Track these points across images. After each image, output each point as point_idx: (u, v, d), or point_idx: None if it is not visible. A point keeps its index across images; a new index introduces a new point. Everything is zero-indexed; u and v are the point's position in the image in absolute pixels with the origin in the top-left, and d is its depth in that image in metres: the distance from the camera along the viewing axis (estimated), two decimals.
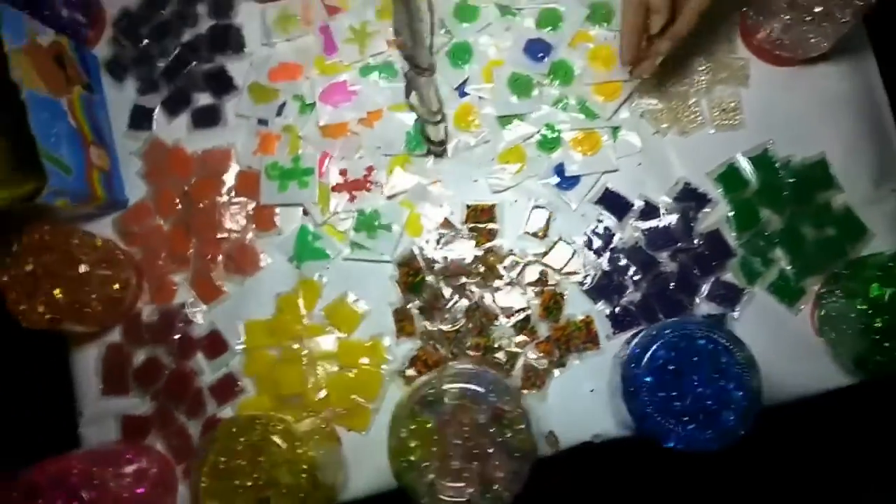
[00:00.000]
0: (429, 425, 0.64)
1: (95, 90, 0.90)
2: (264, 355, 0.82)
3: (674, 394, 0.63)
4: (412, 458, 0.63)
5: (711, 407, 0.62)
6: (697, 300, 0.79)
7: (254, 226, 0.85)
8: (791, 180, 0.79)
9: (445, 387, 0.64)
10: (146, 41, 0.92)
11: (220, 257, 0.85)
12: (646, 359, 0.63)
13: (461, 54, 0.86)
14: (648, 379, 0.63)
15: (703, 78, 0.82)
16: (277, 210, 0.85)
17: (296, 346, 0.81)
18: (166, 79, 0.91)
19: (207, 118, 0.89)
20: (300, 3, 0.89)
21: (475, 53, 0.85)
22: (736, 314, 0.78)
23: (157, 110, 0.91)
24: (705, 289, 0.79)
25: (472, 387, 0.64)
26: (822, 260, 0.77)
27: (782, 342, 0.77)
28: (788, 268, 0.78)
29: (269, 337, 0.82)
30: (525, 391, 0.79)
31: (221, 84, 0.90)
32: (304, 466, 0.67)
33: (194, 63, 0.91)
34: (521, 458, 0.63)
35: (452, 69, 0.86)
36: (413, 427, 0.64)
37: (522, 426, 0.64)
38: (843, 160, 0.80)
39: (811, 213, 0.79)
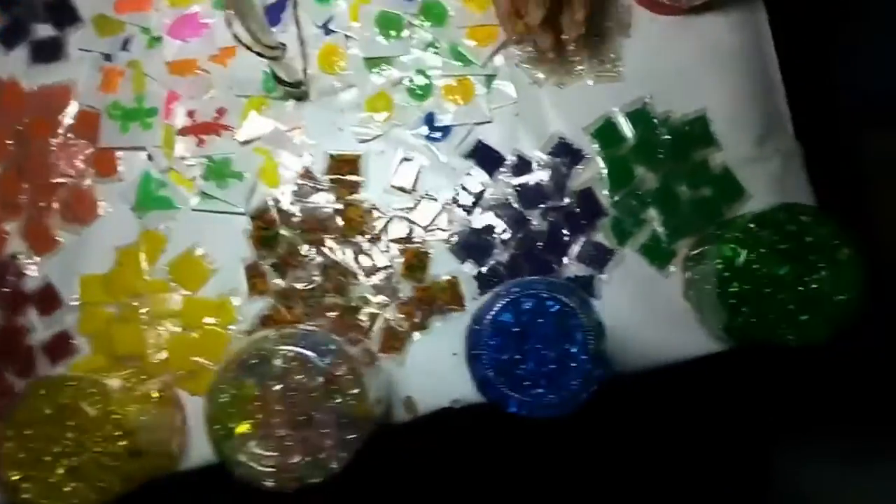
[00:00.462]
0: (251, 391, 0.58)
1: None
2: (101, 312, 0.75)
3: (517, 357, 0.58)
4: (231, 425, 0.57)
5: (555, 371, 0.58)
6: (566, 261, 0.74)
7: (93, 170, 0.77)
8: (668, 137, 0.75)
9: (272, 349, 0.58)
10: None
11: (55, 204, 0.77)
12: (489, 319, 0.59)
13: None
14: (492, 341, 0.59)
15: (584, 24, 0.77)
16: (119, 154, 0.77)
17: (135, 303, 0.75)
18: (2, 7, 0.82)
19: (47, 52, 0.80)
20: None
21: None
22: (605, 276, 0.74)
23: None
24: (575, 249, 0.74)
25: (301, 350, 0.58)
26: (696, 221, 0.74)
27: (652, 306, 0.73)
28: (661, 229, 0.74)
29: (107, 293, 0.75)
30: (383, 354, 0.74)
31: (64, 14, 0.81)
32: (119, 433, 0.61)
33: None
34: (353, 425, 0.58)
35: (318, 5, 0.79)
36: (234, 392, 0.58)
37: (356, 391, 0.58)
38: (725, 117, 0.76)
39: (687, 172, 0.75)
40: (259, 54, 0.63)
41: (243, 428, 0.57)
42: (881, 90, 1.06)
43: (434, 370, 0.73)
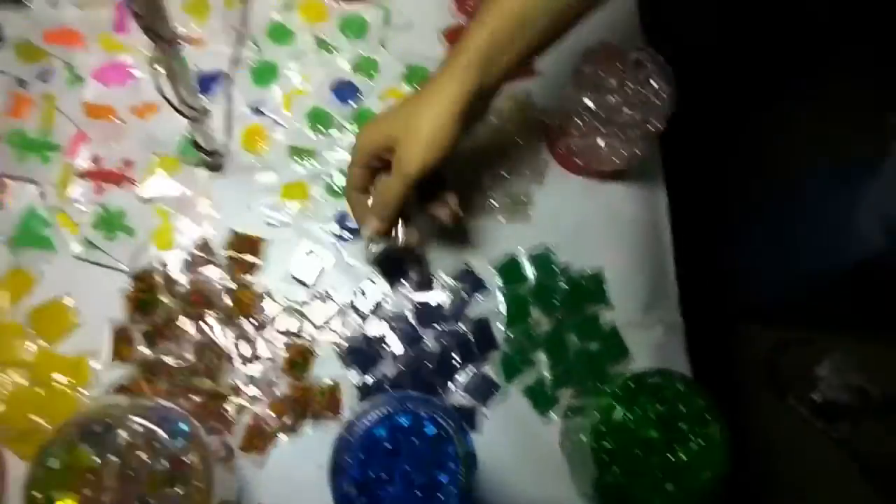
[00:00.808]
0: (86, 460, 0.52)
1: None
2: None
3: (384, 476, 0.55)
4: (53, 495, 0.51)
5: (419, 499, 0.55)
6: (452, 387, 0.73)
7: None
8: (566, 286, 0.78)
9: (119, 417, 0.53)
10: None
11: None
12: (362, 429, 0.56)
13: (265, 74, 0.80)
14: (361, 455, 0.56)
15: (502, 167, 0.81)
16: (8, 182, 0.72)
17: None
18: None
19: None
20: None
21: (280, 77, 0.80)
22: (487, 410, 0.73)
23: None
24: (462, 377, 0.74)
25: (151, 425, 0.53)
26: (580, 372, 0.75)
27: (529, 450, 0.72)
28: (547, 374, 0.75)
29: None
30: (243, 453, 0.68)
31: None
32: None
33: None
34: None
35: (253, 86, 0.80)
36: (66, 458, 0.52)
37: (201, 484, 0.53)
38: (618, 279, 0.80)
39: (579, 323, 0.77)
40: (180, 112, 0.61)
41: (66, 502, 0.50)
42: (763, 289, 1.15)
43: (294, 480, 0.69)
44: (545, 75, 0.86)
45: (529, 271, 0.78)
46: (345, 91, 0.80)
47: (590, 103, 0.73)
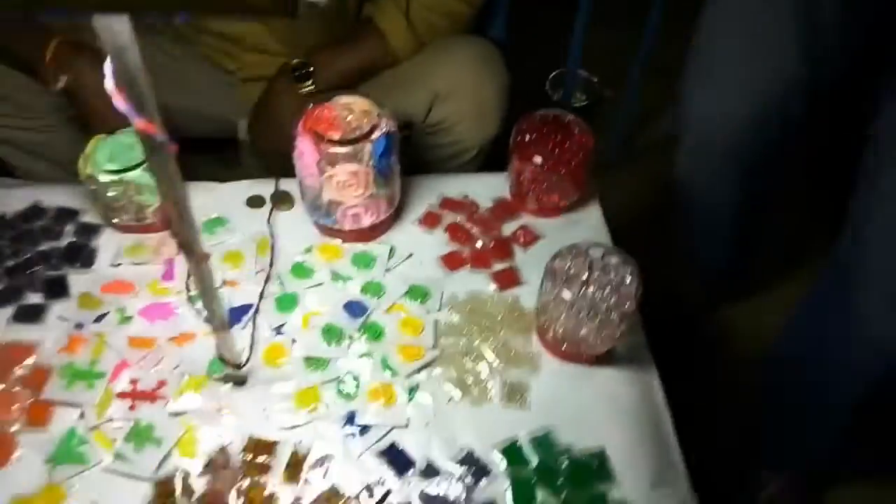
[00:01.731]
0: None
1: None
2: None
3: None
4: None
5: None
6: None
7: (24, 419, 0.80)
8: (569, 467, 0.80)
9: None
10: (3, 242, 0.98)
11: None
12: None
13: (287, 303, 0.92)
14: None
15: (498, 360, 0.88)
16: (54, 408, 0.81)
17: None
18: (8, 276, 0.94)
19: (29, 315, 0.90)
20: (157, 238, 0.98)
21: (300, 305, 0.92)
22: None
23: None
24: None
25: None
26: None
27: None
28: None
29: None
30: None
31: (56, 289, 0.93)
32: None
33: (40, 267, 0.95)
34: None
35: (276, 313, 0.91)
36: None
37: None
38: (622, 458, 0.81)
39: (587, 501, 0.78)
40: (210, 323, 0.72)
41: None
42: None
43: None
44: (530, 284, 0.97)
45: (532, 455, 0.81)
46: (355, 308, 0.92)
47: (565, 296, 0.82)
